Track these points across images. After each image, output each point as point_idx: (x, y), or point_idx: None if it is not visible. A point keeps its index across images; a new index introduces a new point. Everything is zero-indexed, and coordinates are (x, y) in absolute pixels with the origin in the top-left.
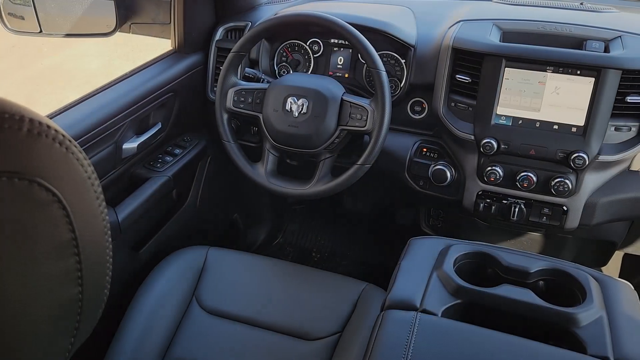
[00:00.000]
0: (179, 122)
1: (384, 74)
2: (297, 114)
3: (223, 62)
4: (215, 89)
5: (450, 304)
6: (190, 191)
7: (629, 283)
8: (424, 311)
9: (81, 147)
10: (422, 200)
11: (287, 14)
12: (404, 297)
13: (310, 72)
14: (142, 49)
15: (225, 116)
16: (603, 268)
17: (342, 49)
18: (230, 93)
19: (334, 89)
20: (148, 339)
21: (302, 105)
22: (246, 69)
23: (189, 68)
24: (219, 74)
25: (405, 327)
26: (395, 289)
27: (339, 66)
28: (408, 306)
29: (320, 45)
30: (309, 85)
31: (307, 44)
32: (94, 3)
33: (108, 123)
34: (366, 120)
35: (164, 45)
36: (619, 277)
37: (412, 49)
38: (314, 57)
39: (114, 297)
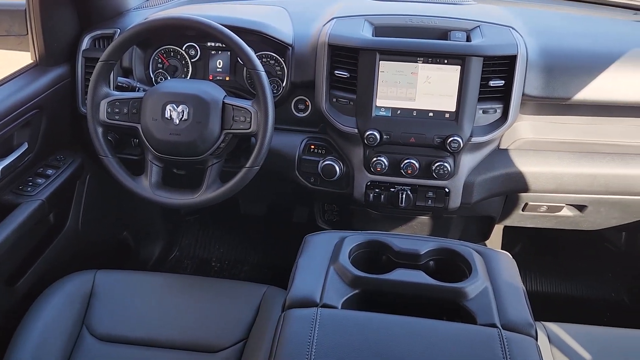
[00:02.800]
0: (48, 140)
1: (263, 75)
2: (178, 121)
3: (92, 72)
4: (86, 101)
5: (349, 295)
6: (70, 213)
7: (508, 253)
8: (324, 306)
9: None
10: (316, 196)
11: (157, 18)
12: (303, 294)
13: (190, 78)
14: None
15: (99, 130)
16: (487, 242)
17: (220, 52)
18: (103, 105)
19: (215, 92)
20: None
21: (183, 111)
22: (118, 78)
23: (55, 81)
24: (89, 85)
25: (307, 324)
26: (294, 287)
27: (218, 70)
28: (308, 303)
29: (197, 50)
30: (188, 91)
31: (183, 48)
32: None
33: None
34: (250, 122)
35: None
36: (501, 248)
37: (290, 48)
38: (191, 62)
39: None
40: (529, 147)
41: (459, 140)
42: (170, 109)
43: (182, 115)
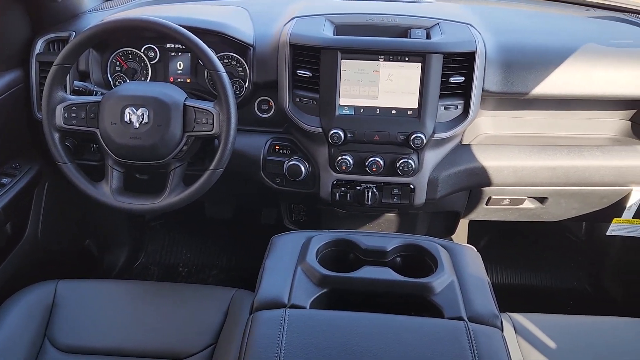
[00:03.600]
0: (2, 148)
1: (224, 75)
2: (138, 125)
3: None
4: (42, 107)
5: (317, 295)
6: (29, 222)
7: (472, 247)
8: (293, 306)
9: None
10: (282, 197)
11: (114, 20)
12: (271, 296)
13: (149, 80)
14: None
15: (56, 135)
16: (453, 236)
17: (180, 53)
18: (59, 110)
19: (175, 94)
20: None
21: (143, 114)
22: (75, 82)
23: (7, 87)
24: (44, 90)
25: (275, 326)
26: (261, 289)
27: (179, 71)
28: (276, 304)
29: (156, 52)
30: (148, 94)
31: (142, 50)
32: None
33: None
34: (213, 123)
35: None
36: (467, 241)
37: (251, 48)
38: (151, 64)
39: None
40: (490, 142)
41: (422, 136)
42: (129, 113)
43: (142, 119)
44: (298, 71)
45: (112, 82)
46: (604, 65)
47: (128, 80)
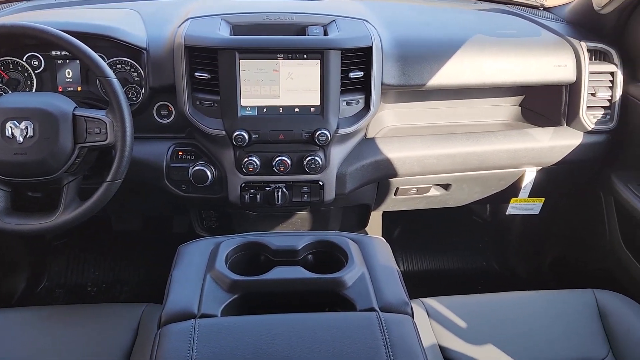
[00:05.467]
0: None
1: (114, 81)
2: (22, 139)
3: None
4: None
5: (228, 301)
6: None
7: (381, 238)
8: (203, 316)
9: None
10: (190, 204)
11: None
12: (179, 307)
13: (35, 91)
14: None
15: None
16: (367, 229)
17: (67, 60)
18: None
19: (62, 104)
20: None
21: (27, 128)
22: None
23: None
24: None
25: (185, 338)
26: (169, 302)
27: (68, 80)
28: (185, 315)
29: (40, 60)
30: (31, 105)
31: (24, 59)
32: None
33: None
34: (106, 133)
35: None
36: (382, 232)
37: (145, 52)
38: (35, 74)
39: None
40: (394, 134)
41: (327, 133)
42: (11, 127)
43: (27, 132)
44: (196, 73)
45: None
46: (491, 55)
47: (10, 92)
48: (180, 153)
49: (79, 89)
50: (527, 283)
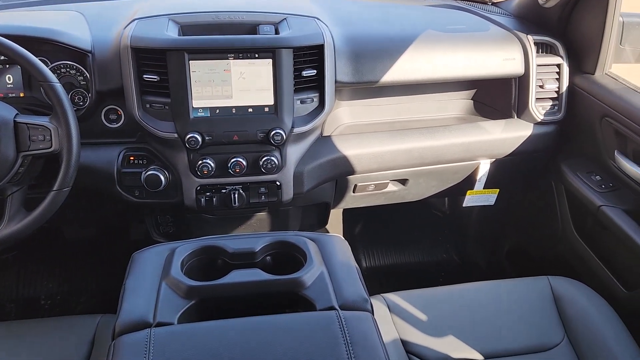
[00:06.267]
0: None
1: (57, 86)
2: None
3: None
4: None
5: (185, 308)
6: None
7: (339, 235)
8: (159, 324)
9: None
10: (145, 209)
11: None
12: (134, 317)
13: None
14: None
15: None
16: (328, 227)
17: (7, 65)
18: None
19: (2, 112)
20: None
21: None
22: None
23: None
24: None
25: (140, 349)
26: (122, 312)
27: (9, 86)
28: (140, 325)
29: None
30: None
31: None
32: None
33: None
34: (51, 139)
35: None
36: (343, 230)
37: (90, 55)
38: None
39: None
40: (350, 131)
41: (282, 132)
42: None
43: None
44: (144, 76)
45: None
46: (443, 50)
47: None
48: (131, 158)
49: (22, 94)
50: (486, 273)
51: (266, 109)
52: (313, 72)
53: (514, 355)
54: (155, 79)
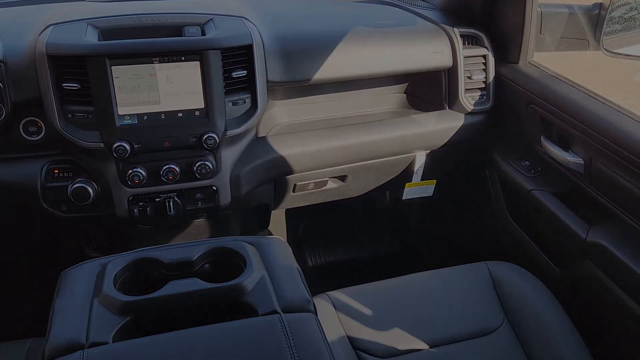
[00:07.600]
0: None
1: None
2: None
3: None
4: None
5: (119, 325)
6: None
7: (279, 237)
8: (92, 345)
9: None
10: (76, 224)
11: None
12: (64, 339)
13: None
14: None
15: None
16: (271, 228)
17: None
18: None
19: None
20: None
21: None
22: None
23: None
24: None
25: None
26: (52, 335)
27: None
28: (72, 347)
29: None
30: None
31: None
32: None
33: None
34: None
35: None
36: (286, 231)
37: (2, 64)
38: None
39: None
40: (287, 130)
41: (215, 136)
42: None
43: None
44: (64, 84)
45: None
46: (373, 45)
47: None
48: (56, 171)
49: None
50: (429, 263)
51: (197, 113)
52: (243, 72)
53: (459, 341)
54: (75, 87)
